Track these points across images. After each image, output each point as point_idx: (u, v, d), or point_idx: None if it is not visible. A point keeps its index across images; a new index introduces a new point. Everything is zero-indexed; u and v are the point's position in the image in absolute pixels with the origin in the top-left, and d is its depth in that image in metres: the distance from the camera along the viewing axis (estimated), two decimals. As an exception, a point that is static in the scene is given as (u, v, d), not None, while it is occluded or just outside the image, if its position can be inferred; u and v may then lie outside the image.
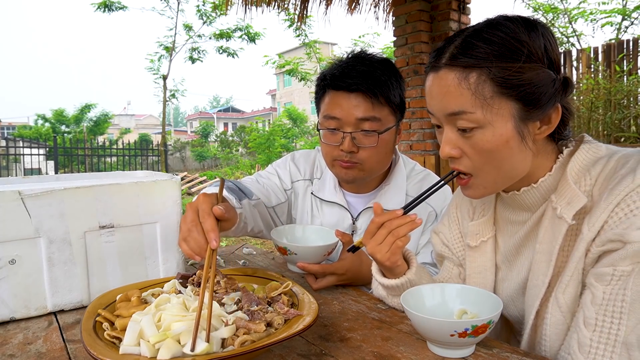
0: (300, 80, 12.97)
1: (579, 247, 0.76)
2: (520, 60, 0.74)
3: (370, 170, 1.25)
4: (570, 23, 9.04)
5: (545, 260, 0.82)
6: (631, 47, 5.39)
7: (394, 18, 4.52)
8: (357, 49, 1.30)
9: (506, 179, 0.83)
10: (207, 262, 0.80)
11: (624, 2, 8.73)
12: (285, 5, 4.78)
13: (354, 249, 0.99)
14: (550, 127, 0.79)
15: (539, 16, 9.46)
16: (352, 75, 1.18)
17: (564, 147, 0.84)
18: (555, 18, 9.20)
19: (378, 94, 1.18)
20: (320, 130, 1.26)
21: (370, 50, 1.30)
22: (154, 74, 13.60)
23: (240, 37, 13.00)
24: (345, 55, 1.28)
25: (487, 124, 0.77)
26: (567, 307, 0.78)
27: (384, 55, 1.29)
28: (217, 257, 1.38)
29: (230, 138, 25.00)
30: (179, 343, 0.67)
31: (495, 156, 0.79)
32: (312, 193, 1.41)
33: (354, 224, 1.34)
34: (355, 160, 1.21)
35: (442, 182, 0.91)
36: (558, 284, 0.79)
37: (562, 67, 0.81)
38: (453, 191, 1.19)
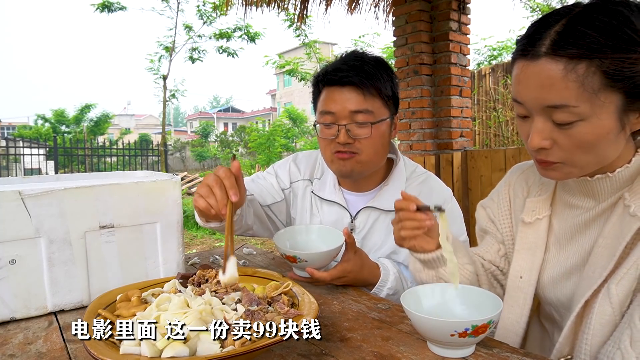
0: (300, 81, 12.96)
1: None
2: (636, 50, 0.69)
3: (368, 162, 1.27)
4: None
5: (607, 254, 0.80)
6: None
7: (394, 18, 4.51)
8: (356, 49, 1.33)
9: (596, 166, 0.80)
10: (229, 214, 0.94)
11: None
12: (285, 6, 4.78)
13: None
14: None
15: (537, 16, 9.47)
16: (343, 69, 1.22)
17: None
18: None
19: (369, 85, 1.21)
20: (317, 127, 1.29)
21: (368, 50, 1.34)
22: (154, 74, 13.60)
23: (240, 37, 12.99)
24: (339, 56, 1.32)
25: (590, 117, 0.72)
26: (618, 300, 0.76)
27: (377, 54, 1.32)
28: (217, 257, 1.40)
29: (230, 138, 25.01)
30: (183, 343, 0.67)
31: (593, 147, 0.76)
32: (312, 192, 1.42)
33: (352, 222, 1.35)
34: (353, 149, 1.23)
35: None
36: (613, 275, 0.77)
37: None
38: (455, 191, 1.19)
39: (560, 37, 0.72)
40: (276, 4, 4.66)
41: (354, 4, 4.79)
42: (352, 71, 1.21)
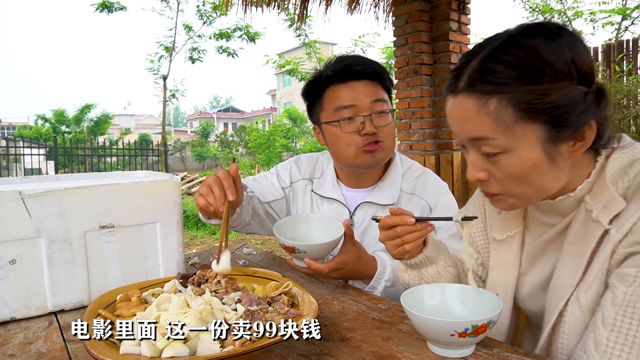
0: (300, 80, 12.96)
1: (605, 247, 0.75)
2: (544, 82, 0.69)
3: (390, 149, 1.34)
4: (570, 23, 9.04)
5: (574, 262, 0.80)
6: (631, 47, 5.39)
7: (394, 18, 4.51)
8: (357, 50, 1.37)
9: (538, 196, 0.81)
10: (226, 211, 1.03)
11: (624, 1, 8.73)
12: (285, 6, 4.78)
13: (376, 220, 1.00)
14: (585, 143, 0.75)
15: (536, 17, 9.48)
16: (355, 67, 1.28)
17: (602, 149, 0.80)
18: (550, 18, 9.21)
19: (382, 80, 1.31)
20: (333, 125, 1.30)
21: (368, 50, 1.40)
22: (154, 74, 13.60)
23: (240, 37, 12.99)
24: (334, 58, 1.35)
25: (511, 149, 0.74)
26: (588, 307, 0.77)
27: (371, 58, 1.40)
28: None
29: (230, 138, 25.01)
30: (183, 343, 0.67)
31: (524, 179, 0.76)
32: (312, 190, 1.46)
33: (351, 218, 1.38)
34: (378, 139, 1.28)
35: (455, 219, 0.90)
36: (581, 284, 0.78)
37: (594, 73, 0.74)
38: (453, 187, 1.20)
39: (475, 73, 0.74)
40: (276, 4, 4.66)
41: (354, 4, 4.78)
42: (365, 67, 1.29)
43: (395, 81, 4.59)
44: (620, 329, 0.71)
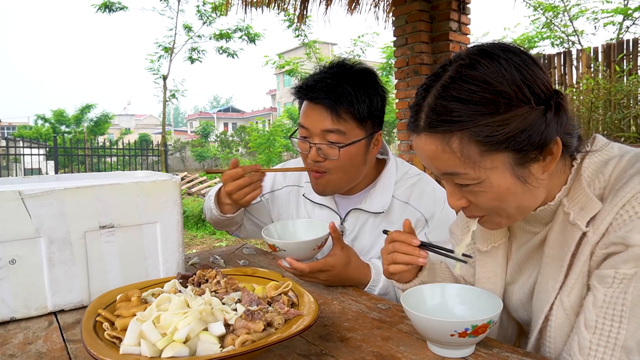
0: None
1: (584, 250, 0.75)
2: (500, 112, 0.69)
3: (338, 182, 1.26)
4: (571, 22, 9.04)
5: (555, 265, 0.81)
6: (631, 47, 5.39)
7: (394, 18, 4.52)
8: (346, 58, 1.31)
9: (521, 215, 0.82)
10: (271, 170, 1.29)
11: (625, 1, 8.73)
12: (285, 6, 4.78)
13: (385, 232, 1.00)
14: (554, 158, 0.75)
15: (539, 15, 9.48)
16: (317, 88, 1.19)
17: (577, 153, 0.80)
18: (554, 16, 9.20)
19: (339, 108, 1.17)
20: (295, 141, 1.30)
21: (368, 51, 1.33)
22: (154, 74, 13.59)
23: (240, 37, 12.99)
24: (325, 66, 1.29)
25: (483, 180, 0.74)
26: (572, 310, 0.78)
27: (366, 66, 1.28)
28: (217, 257, 1.40)
29: (230, 138, 25.00)
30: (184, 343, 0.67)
31: (501, 203, 0.77)
32: (303, 195, 1.44)
33: (342, 224, 1.35)
34: (323, 169, 1.23)
35: (452, 257, 0.90)
36: (563, 287, 0.79)
37: (550, 86, 0.73)
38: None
39: (430, 113, 0.73)
40: (276, 4, 4.66)
41: (354, 4, 4.79)
42: (323, 91, 1.18)
43: (395, 81, 4.59)
44: (602, 331, 0.71)
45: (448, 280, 1.00)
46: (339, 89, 1.18)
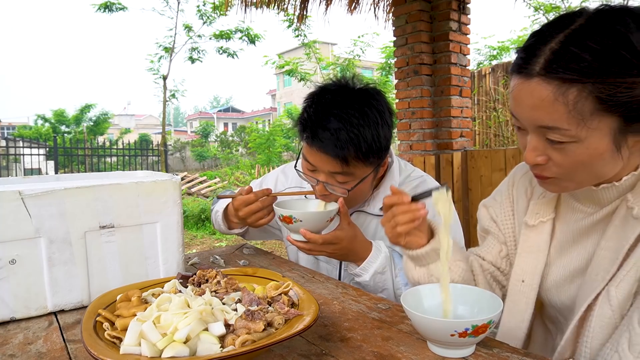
0: (300, 81, 12.96)
1: None
2: (632, 74, 0.65)
3: (348, 206, 1.26)
4: None
5: (609, 257, 0.79)
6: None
7: (394, 18, 4.51)
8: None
9: (592, 182, 0.80)
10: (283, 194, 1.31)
11: (625, 1, 8.72)
12: (285, 6, 4.78)
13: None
14: None
15: (539, 16, 9.47)
16: (323, 137, 1.13)
17: None
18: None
19: (346, 155, 1.13)
20: (300, 164, 1.28)
21: (368, 51, 1.31)
22: (154, 74, 13.59)
23: (241, 38, 12.99)
24: (322, 90, 1.21)
25: (583, 139, 0.71)
26: (617, 302, 0.76)
27: (369, 87, 1.22)
28: (217, 257, 1.40)
29: (230, 138, 24.99)
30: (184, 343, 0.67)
31: (586, 167, 0.74)
32: (305, 197, 1.42)
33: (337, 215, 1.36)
34: (330, 200, 1.23)
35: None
36: (613, 278, 0.77)
37: None
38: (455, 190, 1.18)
39: (553, 57, 0.69)
40: (276, 4, 4.66)
41: (354, 4, 4.78)
42: (330, 139, 1.12)
43: (395, 81, 4.59)
44: None
45: (458, 253, 1.00)
46: (345, 135, 1.12)
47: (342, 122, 1.13)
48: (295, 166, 1.31)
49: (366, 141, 1.14)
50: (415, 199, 0.92)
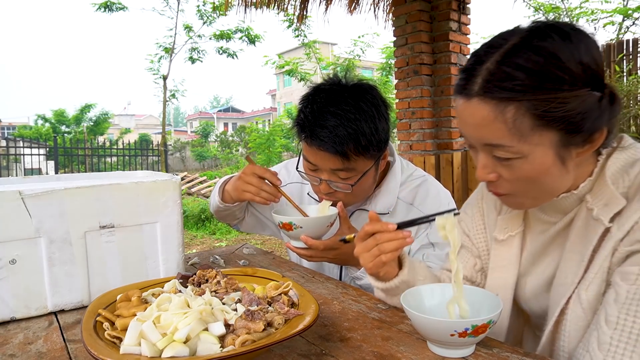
0: (300, 81, 12.97)
1: (606, 245, 0.75)
2: (564, 90, 0.68)
3: (352, 202, 1.29)
4: (572, 22, 9.02)
5: (575, 259, 0.81)
6: (631, 47, 5.39)
7: (393, 18, 4.51)
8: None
9: (547, 198, 0.82)
10: (284, 194, 1.26)
11: (625, 1, 8.73)
12: (285, 6, 4.78)
13: (345, 241, 1.00)
14: (593, 146, 0.75)
15: (539, 16, 9.47)
16: (321, 135, 1.14)
17: (602, 149, 0.80)
18: (556, 18, 9.19)
19: (346, 150, 1.14)
20: (301, 165, 1.28)
21: (368, 51, 1.31)
22: (154, 74, 13.59)
23: (241, 38, 12.99)
24: (318, 90, 1.22)
25: (527, 155, 0.73)
26: (589, 304, 0.77)
27: (362, 82, 1.23)
28: (217, 257, 1.40)
29: (230, 138, 24.98)
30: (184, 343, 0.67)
31: (536, 182, 0.76)
32: (307, 194, 1.45)
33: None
34: (334, 198, 1.23)
35: (437, 214, 0.87)
36: (582, 281, 0.78)
37: (604, 77, 0.73)
38: (453, 194, 1.19)
39: (489, 78, 0.71)
40: (276, 4, 4.66)
41: (354, 4, 4.78)
42: (329, 137, 1.13)
43: (395, 81, 4.59)
44: (624, 327, 0.71)
45: (429, 279, 0.98)
46: (343, 131, 1.13)
47: (339, 119, 1.13)
48: (297, 168, 1.30)
49: (364, 135, 1.14)
50: (400, 226, 0.90)
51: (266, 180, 1.26)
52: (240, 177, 1.27)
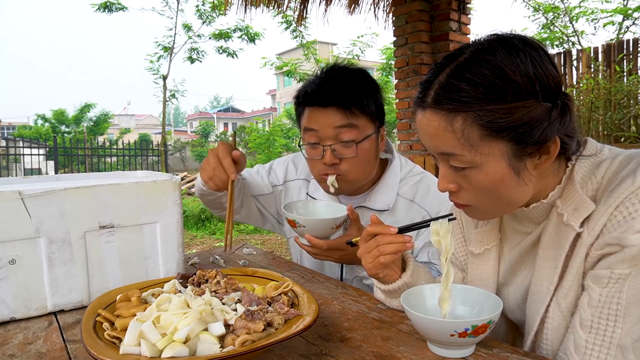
0: (300, 81, 12.97)
1: (579, 251, 0.76)
2: (507, 100, 0.70)
3: (355, 180, 1.27)
4: (571, 22, 9.03)
5: (549, 266, 0.81)
6: (631, 47, 5.39)
7: (393, 18, 4.52)
8: (337, 62, 1.33)
9: (506, 209, 0.82)
10: (230, 190, 1.17)
11: (625, 1, 8.73)
12: (285, 6, 4.77)
13: (352, 244, 1.03)
14: (549, 157, 0.75)
15: (539, 16, 9.48)
16: (324, 90, 1.21)
17: (572, 155, 0.81)
18: (555, 17, 9.20)
19: (351, 105, 1.19)
20: (303, 148, 1.29)
21: (367, 51, 1.35)
22: (153, 74, 13.59)
23: (240, 37, 12.99)
24: (319, 71, 1.30)
25: (479, 165, 0.75)
26: (569, 311, 0.78)
27: (358, 67, 1.31)
28: (217, 257, 1.40)
29: (230, 138, 24.99)
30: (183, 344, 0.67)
31: (492, 193, 0.77)
32: (307, 193, 1.45)
33: (346, 222, 1.35)
34: (338, 172, 1.23)
35: (435, 218, 0.88)
36: (560, 289, 0.79)
37: (560, 85, 0.74)
38: None
39: (440, 90, 0.74)
40: (276, 4, 4.66)
41: (353, 4, 4.78)
42: (332, 92, 1.20)
43: (395, 81, 4.59)
44: (598, 330, 0.72)
45: (433, 282, 0.99)
46: (347, 88, 1.20)
47: (338, 82, 1.22)
48: (299, 145, 1.32)
49: (363, 93, 1.21)
50: (401, 231, 0.92)
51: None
52: (208, 153, 1.22)
